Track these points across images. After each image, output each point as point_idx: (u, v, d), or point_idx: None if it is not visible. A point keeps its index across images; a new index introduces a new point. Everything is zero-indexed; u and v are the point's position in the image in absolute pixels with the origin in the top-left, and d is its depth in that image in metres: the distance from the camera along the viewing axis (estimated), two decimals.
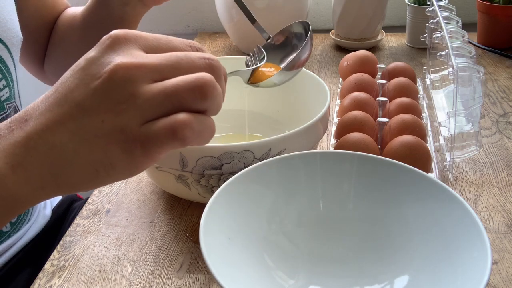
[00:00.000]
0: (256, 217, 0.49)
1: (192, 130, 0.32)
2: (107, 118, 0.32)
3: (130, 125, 0.32)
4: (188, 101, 0.33)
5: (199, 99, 0.33)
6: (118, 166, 0.33)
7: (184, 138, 0.32)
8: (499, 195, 0.63)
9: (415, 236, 0.47)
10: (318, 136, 0.60)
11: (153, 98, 0.32)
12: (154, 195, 0.65)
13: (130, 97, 0.32)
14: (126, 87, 0.32)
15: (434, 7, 0.81)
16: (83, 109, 0.32)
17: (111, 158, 0.33)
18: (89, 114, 0.32)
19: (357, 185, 0.51)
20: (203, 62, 0.34)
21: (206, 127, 0.34)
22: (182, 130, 0.32)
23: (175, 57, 0.34)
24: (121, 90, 0.32)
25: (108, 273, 0.53)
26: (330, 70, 1.00)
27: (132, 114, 0.32)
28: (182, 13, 1.28)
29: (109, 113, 0.32)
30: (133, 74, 0.32)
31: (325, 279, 0.48)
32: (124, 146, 0.33)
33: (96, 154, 0.33)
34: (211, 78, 0.33)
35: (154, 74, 0.33)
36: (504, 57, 1.03)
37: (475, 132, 0.65)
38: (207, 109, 0.34)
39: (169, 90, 0.32)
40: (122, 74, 0.32)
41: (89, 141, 0.33)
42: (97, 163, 0.33)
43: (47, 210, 0.75)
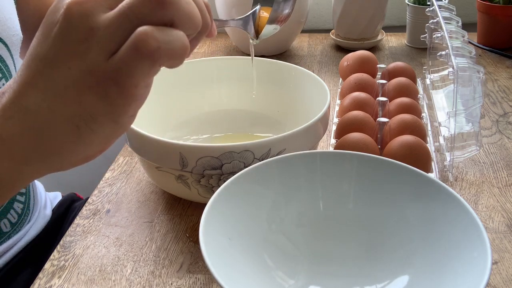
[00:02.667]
0: (256, 217, 0.49)
1: (155, 40, 0.29)
2: (73, 64, 0.30)
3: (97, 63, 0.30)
4: (146, 14, 0.29)
5: (157, 7, 0.29)
6: (99, 116, 0.31)
7: (150, 52, 0.29)
8: (499, 195, 0.63)
9: (415, 236, 0.47)
10: (318, 136, 0.60)
11: (111, 25, 0.30)
12: (154, 195, 0.65)
13: (90, 32, 0.30)
14: (83, 23, 0.30)
15: (434, 7, 0.81)
16: (48, 61, 0.30)
17: (88, 108, 0.30)
18: (54, 65, 0.30)
19: (357, 185, 0.51)
20: None
21: (175, 38, 0.30)
22: (145, 42, 0.29)
23: None
24: (79, 28, 0.30)
25: (108, 273, 0.53)
26: (330, 70, 1.00)
27: (96, 50, 0.30)
28: None
29: (73, 57, 0.30)
30: (87, 8, 0.30)
31: (325, 279, 0.48)
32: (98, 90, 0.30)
33: (71, 107, 0.30)
34: None
35: (109, 2, 0.30)
36: (504, 57, 1.03)
37: (475, 132, 0.65)
38: (173, 20, 0.30)
39: (124, 9, 0.30)
40: (76, 10, 0.30)
41: (61, 94, 0.30)
42: (75, 117, 0.31)
43: (47, 210, 0.75)
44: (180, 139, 0.72)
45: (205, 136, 0.74)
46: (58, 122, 0.31)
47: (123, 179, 0.68)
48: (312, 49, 1.11)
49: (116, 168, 0.71)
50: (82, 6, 0.30)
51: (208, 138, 0.73)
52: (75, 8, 0.30)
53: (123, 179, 0.68)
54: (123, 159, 0.73)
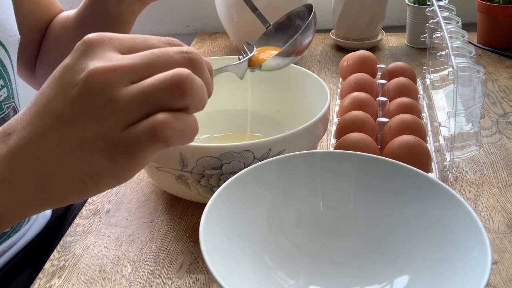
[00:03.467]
0: (256, 217, 0.49)
1: (173, 130, 0.31)
2: (88, 127, 0.32)
3: (112, 131, 0.31)
4: (167, 100, 0.32)
5: (178, 97, 0.32)
6: (105, 175, 0.33)
7: (166, 139, 0.31)
8: (499, 195, 0.63)
9: (415, 236, 0.47)
10: (318, 136, 0.60)
11: (131, 101, 0.31)
12: (154, 195, 0.65)
13: (109, 103, 0.31)
14: (104, 93, 0.31)
15: (434, 7, 0.81)
16: (63, 119, 0.32)
17: (96, 167, 0.32)
18: (70, 124, 0.32)
19: (357, 185, 0.51)
20: (181, 56, 0.33)
21: (188, 125, 0.32)
22: (163, 131, 0.31)
23: (151, 55, 0.33)
24: (99, 96, 0.31)
25: (108, 273, 0.53)
26: (330, 70, 1.00)
27: (112, 120, 0.31)
28: (182, 13, 1.28)
29: (89, 121, 0.31)
30: (109, 78, 0.31)
31: (325, 279, 0.48)
32: (108, 154, 0.32)
33: (81, 165, 0.32)
34: (188, 73, 0.32)
35: (130, 75, 0.32)
36: (504, 57, 1.03)
37: (475, 132, 0.65)
38: (188, 106, 0.33)
39: (147, 91, 0.31)
40: (98, 79, 0.31)
41: (72, 151, 0.32)
42: (83, 173, 0.32)
43: (47, 210, 0.75)
44: None
45: (205, 136, 0.74)
46: (66, 175, 0.32)
47: None
48: (312, 49, 1.11)
49: None
50: (104, 76, 0.31)
51: (208, 138, 0.73)
52: (97, 78, 0.31)
53: None
54: None
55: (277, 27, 0.64)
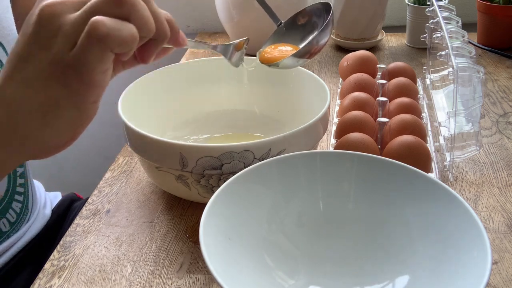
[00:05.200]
0: (256, 217, 0.49)
1: (104, 26, 0.33)
2: (42, 56, 0.35)
3: (60, 54, 0.34)
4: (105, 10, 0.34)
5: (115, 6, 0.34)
6: (62, 102, 0.35)
7: (99, 36, 0.33)
8: (499, 195, 0.63)
9: (415, 236, 0.47)
10: (318, 136, 0.60)
11: (76, 21, 0.34)
12: (154, 195, 0.65)
13: (57, 29, 0.34)
14: (53, 22, 0.34)
15: (434, 7, 0.81)
16: (22, 56, 0.35)
17: (53, 96, 0.35)
18: (27, 59, 0.35)
19: (357, 185, 0.51)
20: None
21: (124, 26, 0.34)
22: (95, 28, 0.33)
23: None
24: (49, 25, 0.34)
25: (108, 273, 0.53)
26: (330, 70, 1.00)
27: (60, 43, 0.34)
28: (182, 13, 1.28)
29: (42, 51, 0.35)
30: (57, 9, 0.34)
31: (325, 279, 0.48)
32: (60, 78, 0.35)
33: (39, 96, 0.35)
34: None
35: (77, 5, 0.35)
36: (504, 57, 1.03)
37: (475, 132, 0.65)
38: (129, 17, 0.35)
39: (87, 7, 0.34)
40: (48, 11, 0.34)
41: (31, 84, 0.35)
42: (43, 106, 0.35)
43: (47, 210, 0.75)
44: (180, 139, 0.72)
45: (205, 136, 0.74)
46: (28, 109, 0.35)
47: (123, 179, 0.68)
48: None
49: (116, 168, 0.71)
50: (52, 7, 0.35)
51: (208, 138, 0.73)
52: (46, 10, 0.35)
53: (123, 179, 0.68)
54: (123, 159, 0.73)
55: (292, 23, 0.64)
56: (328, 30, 0.58)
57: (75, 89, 0.35)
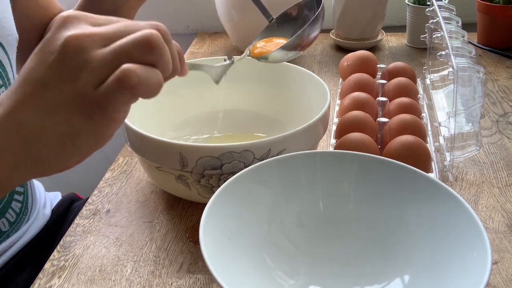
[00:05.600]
0: (256, 217, 0.49)
1: (137, 76, 0.33)
2: (65, 88, 0.34)
3: (86, 89, 0.34)
4: (136, 55, 0.34)
5: (146, 52, 0.34)
6: (83, 133, 0.35)
7: (131, 85, 0.33)
8: (499, 195, 0.63)
9: (415, 236, 0.47)
10: (318, 136, 0.60)
11: (104, 59, 0.34)
12: (154, 195, 0.65)
13: (84, 63, 0.34)
14: (79, 55, 0.34)
15: (434, 7, 0.81)
16: (43, 84, 0.35)
17: (74, 127, 0.35)
18: (49, 87, 0.34)
19: (357, 185, 0.51)
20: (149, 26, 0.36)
21: (153, 74, 0.35)
22: (127, 76, 0.33)
23: (122, 25, 0.36)
24: (75, 58, 0.34)
25: (108, 273, 0.53)
26: (330, 70, 1.00)
27: (86, 78, 0.34)
28: (182, 13, 1.28)
29: (66, 83, 0.34)
30: (84, 42, 0.34)
31: (325, 279, 0.48)
32: (84, 112, 0.34)
33: (60, 125, 0.35)
34: (157, 33, 0.35)
35: (104, 40, 0.35)
36: (504, 57, 1.03)
37: (475, 132, 0.65)
38: (155, 63, 0.35)
39: (118, 48, 0.34)
40: (74, 44, 0.34)
41: (52, 113, 0.35)
42: (63, 134, 0.35)
43: (46, 210, 0.75)
44: (180, 139, 0.72)
45: (205, 136, 0.74)
46: (47, 136, 0.35)
47: (123, 179, 0.68)
48: (312, 49, 1.11)
49: (116, 168, 0.71)
50: (80, 41, 0.34)
51: (208, 138, 0.73)
52: (73, 42, 0.34)
53: (123, 179, 0.68)
54: (123, 159, 0.73)
55: (284, 18, 0.64)
56: (318, 23, 0.58)
57: (97, 123, 0.35)
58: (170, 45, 0.37)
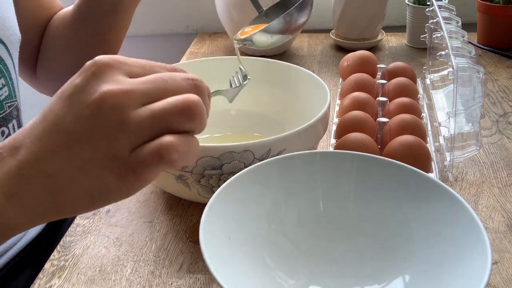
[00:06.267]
0: (256, 217, 0.49)
1: (177, 153, 0.33)
2: (99, 146, 0.33)
3: (121, 151, 0.33)
4: (176, 123, 0.33)
5: (187, 121, 0.34)
6: (113, 191, 0.34)
7: (171, 161, 0.33)
8: (499, 195, 0.63)
9: (415, 236, 0.47)
10: (318, 136, 0.60)
11: (142, 123, 0.33)
12: (154, 195, 0.65)
13: (120, 124, 0.33)
14: (116, 114, 0.33)
15: (434, 7, 0.81)
16: (75, 138, 0.33)
17: (106, 185, 0.34)
18: (81, 142, 0.33)
19: (357, 185, 0.51)
20: (187, 83, 0.35)
21: (192, 147, 0.34)
22: (169, 153, 0.32)
23: (160, 80, 0.34)
24: (111, 117, 0.33)
25: (108, 273, 0.53)
26: (330, 70, 1.00)
27: (123, 140, 0.33)
28: (182, 13, 1.28)
29: (101, 141, 0.33)
30: (121, 101, 0.33)
31: (325, 279, 0.48)
32: (118, 172, 0.33)
33: (90, 182, 0.33)
34: (198, 99, 0.34)
35: (141, 98, 0.33)
36: (504, 57, 1.03)
37: (475, 132, 0.65)
38: (193, 130, 0.34)
39: (158, 114, 0.33)
40: (111, 102, 0.32)
41: (83, 169, 0.33)
42: (92, 189, 0.34)
43: None
44: None
45: (205, 136, 0.74)
46: (75, 191, 0.34)
47: None
48: (312, 49, 1.11)
49: None
50: (117, 99, 0.33)
51: (208, 138, 0.73)
52: (110, 100, 0.32)
53: None
54: None
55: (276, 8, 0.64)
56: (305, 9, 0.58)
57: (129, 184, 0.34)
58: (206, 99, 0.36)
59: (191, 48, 1.14)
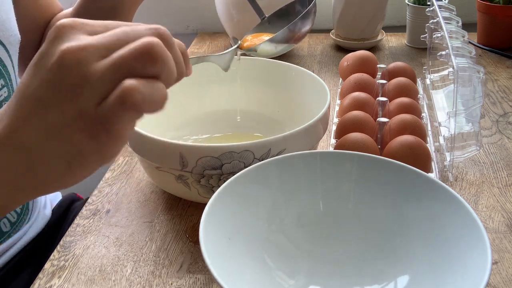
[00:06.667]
0: (256, 217, 0.49)
1: (140, 93, 0.31)
2: (65, 107, 0.32)
3: (87, 108, 0.32)
4: (138, 68, 0.32)
5: (148, 64, 0.32)
6: (88, 153, 0.33)
7: (135, 103, 0.31)
8: (499, 195, 0.63)
9: (415, 236, 0.47)
10: (318, 136, 0.60)
11: (104, 74, 0.32)
12: (154, 195, 0.65)
13: (82, 80, 0.32)
14: (77, 71, 0.32)
15: (434, 7, 0.81)
16: (41, 103, 0.32)
17: (79, 147, 0.33)
18: (48, 106, 0.32)
19: (357, 185, 0.51)
20: (150, 32, 0.34)
21: (157, 90, 0.32)
22: (130, 95, 0.31)
23: (121, 32, 0.33)
24: (72, 74, 0.32)
25: (108, 273, 0.53)
26: (330, 70, 1.00)
27: (87, 96, 0.32)
28: (182, 13, 1.28)
29: (66, 101, 0.32)
30: (81, 56, 0.32)
31: (325, 279, 0.48)
32: (87, 131, 0.32)
33: (64, 146, 0.33)
34: (157, 41, 0.32)
35: (101, 51, 0.32)
36: (504, 57, 1.03)
37: (475, 132, 0.65)
38: (158, 75, 0.33)
39: (117, 61, 0.32)
40: (70, 58, 0.32)
41: (53, 134, 0.33)
42: (67, 155, 0.33)
43: (47, 210, 0.75)
44: (180, 139, 0.72)
45: (205, 136, 0.74)
46: (51, 158, 0.33)
47: (123, 179, 0.68)
48: (312, 49, 1.11)
49: (116, 168, 0.71)
50: (76, 55, 0.32)
51: (208, 138, 0.73)
52: (69, 57, 0.32)
53: (123, 179, 0.68)
54: (123, 159, 0.73)
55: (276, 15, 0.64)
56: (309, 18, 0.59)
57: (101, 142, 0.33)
58: (173, 49, 0.34)
59: (191, 48, 1.14)
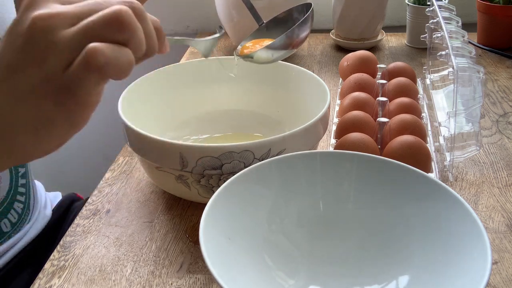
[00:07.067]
0: (256, 217, 0.49)
1: (104, 55, 0.31)
2: (33, 72, 0.32)
3: (54, 72, 0.32)
4: (105, 34, 0.32)
5: (115, 30, 0.32)
6: (56, 120, 0.34)
7: (99, 66, 0.31)
8: (499, 195, 0.63)
9: (415, 236, 0.47)
10: (318, 136, 0.60)
11: (71, 39, 0.32)
12: (154, 195, 0.65)
13: (51, 45, 0.32)
14: (46, 37, 0.32)
15: (434, 7, 0.81)
16: (11, 68, 0.33)
17: (46, 113, 0.33)
18: (16, 72, 0.33)
19: (357, 185, 0.51)
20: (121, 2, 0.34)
21: (122, 53, 0.32)
22: (94, 57, 0.31)
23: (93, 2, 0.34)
24: (42, 40, 0.32)
25: (108, 273, 0.53)
26: (330, 70, 1.00)
27: (54, 61, 0.32)
28: (182, 13, 1.28)
29: (34, 66, 0.32)
30: (51, 23, 0.32)
31: (325, 279, 0.48)
32: (54, 97, 0.33)
33: (31, 111, 0.33)
34: (127, 9, 0.33)
35: (72, 19, 0.33)
36: (504, 57, 1.03)
37: (475, 132, 0.65)
38: (127, 42, 0.33)
39: (85, 27, 0.32)
40: (40, 25, 0.32)
41: (22, 99, 0.33)
42: (35, 120, 0.33)
43: (47, 210, 0.75)
44: (180, 139, 0.72)
45: (205, 136, 0.74)
46: (19, 124, 0.33)
47: (123, 179, 0.68)
48: (312, 49, 1.11)
49: (116, 168, 0.71)
50: (46, 21, 0.32)
51: (208, 138, 0.73)
52: (39, 23, 0.32)
53: (123, 179, 0.68)
54: (123, 159, 0.73)
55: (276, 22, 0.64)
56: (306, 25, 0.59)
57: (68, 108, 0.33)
58: (145, 22, 0.34)
59: (191, 48, 1.14)
